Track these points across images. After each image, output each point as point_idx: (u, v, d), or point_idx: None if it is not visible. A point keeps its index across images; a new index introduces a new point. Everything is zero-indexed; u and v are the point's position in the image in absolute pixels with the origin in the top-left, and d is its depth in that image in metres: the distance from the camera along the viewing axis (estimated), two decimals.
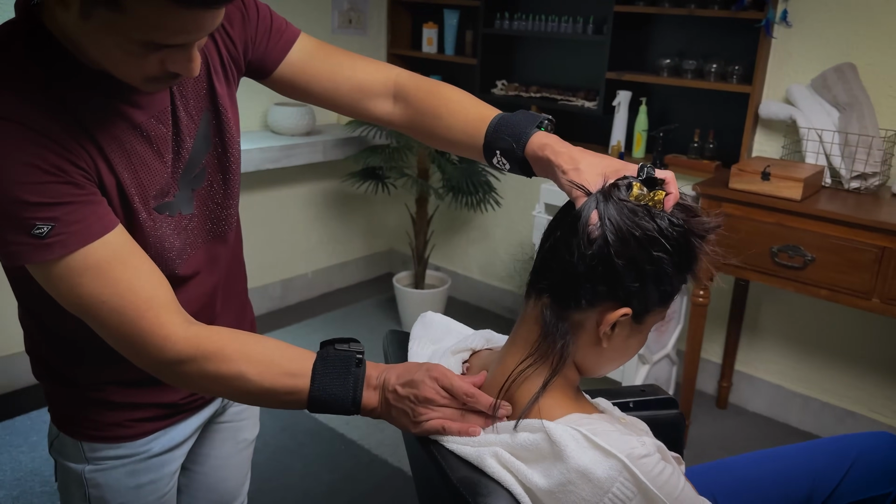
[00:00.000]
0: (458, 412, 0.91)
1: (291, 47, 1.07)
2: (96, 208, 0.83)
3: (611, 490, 0.80)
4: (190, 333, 0.88)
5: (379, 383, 0.93)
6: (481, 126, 1.02)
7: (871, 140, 2.27)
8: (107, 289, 0.83)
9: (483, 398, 0.90)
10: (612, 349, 0.92)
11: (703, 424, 2.74)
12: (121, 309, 0.84)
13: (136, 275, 0.86)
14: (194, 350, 0.87)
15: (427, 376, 0.90)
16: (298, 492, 2.27)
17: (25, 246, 0.80)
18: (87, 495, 1.07)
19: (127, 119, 0.88)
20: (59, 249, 0.81)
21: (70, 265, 0.82)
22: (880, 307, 2.06)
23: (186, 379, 0.90)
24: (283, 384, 0.90)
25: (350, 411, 0.91)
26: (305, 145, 3.15)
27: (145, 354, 0.87)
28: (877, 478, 1.22)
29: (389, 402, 0.92)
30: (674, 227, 0.87)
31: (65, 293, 0.84)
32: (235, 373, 0.88)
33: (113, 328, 0.86)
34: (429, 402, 0.89)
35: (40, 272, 0.83)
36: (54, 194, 0.79)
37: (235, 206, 1.09)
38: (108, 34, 0.75)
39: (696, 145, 2.75)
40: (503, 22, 3.18)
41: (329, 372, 0.90)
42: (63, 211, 0.80)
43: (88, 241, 0.82)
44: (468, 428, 0.89)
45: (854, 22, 2.36)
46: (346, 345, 0.93)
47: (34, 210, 0.78)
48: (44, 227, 0.79)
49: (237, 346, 0.90)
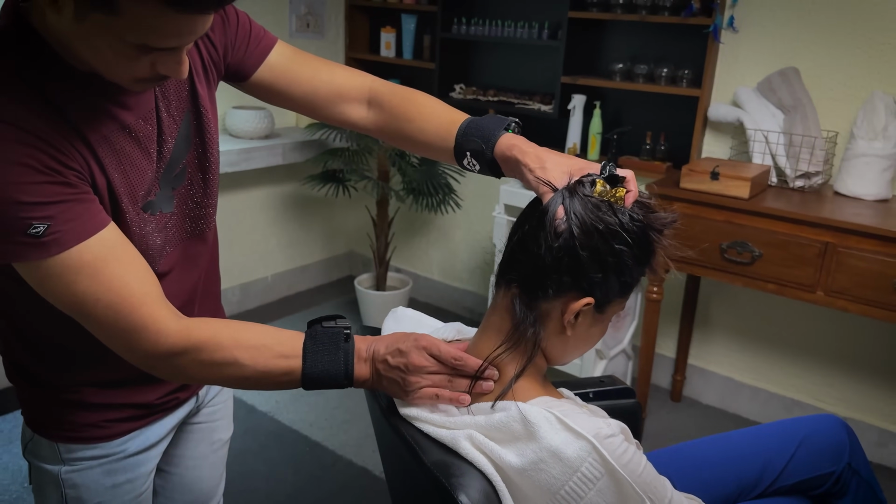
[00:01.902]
0: (447, 379, 0.95)
1: (269, 53, 1.11)
2: (89, 206, 0.85)
3: (580, 469, 0.84)
4: (181, 326, 0.90)
5: (368, 355, 0.96)
6: (452, 129, 1.07)
7: (814, 140, 2.38)
8: (102, 286, 0.85)
9: (471, 361, 0.95)
10: (576, 337, 0.97)
11: (658, 417, 2.83)
12: (115, 305, 0.86)
13: (129, 271, 0.87)
14: (186, 341, 0.89)
15: (415, 345, 0.94)
16: (262, 494, 2.28)
17: (22, 245, 0.81)
18: (64, 496, 1.07)
19: (116, 120, 0.90)
20: (55, 247, 0.82)
21: (65, 262, 0.83)
22: (824, 299, 2.17)
23: (182, 370, 0.92)
24: (277, 366, 0.93)
25: (343, 385, 0.95)
26: (264, 148, 3.16)
27: (139, 349, 0.89)
28: (822, 457, 1.29)
29: (380, 372, 0.95)
30: (634, 222, 0.93)
31: (60, 291, 0.85)
32: (230, 359, 0.91)
33: (108, 324, 0.87)
34: (419, 370, 0.93)
35: (35, 271, 0.84)
36: (49, 194, 0.80)
37: (214, 206, 1.11)
38: (102, 36, 0.77)
39: (649, 147, 2.84)
40: (461, 27, 3.24)
41: (319, 349, 0.93)
42: (58, 210, 0.81)
43: (83, 238, 0.83)
44: (458, 396, 0.94)
45: (797, 28, 2.48)
46: (332, 322, 0.97)
47: (30, 210, 0.79)
48: (40, 226, 0.80)
49: (228, 333, 0.92)
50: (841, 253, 2.10)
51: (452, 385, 0.95)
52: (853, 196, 2.34)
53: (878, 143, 2.30)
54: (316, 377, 0.94)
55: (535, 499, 0.86)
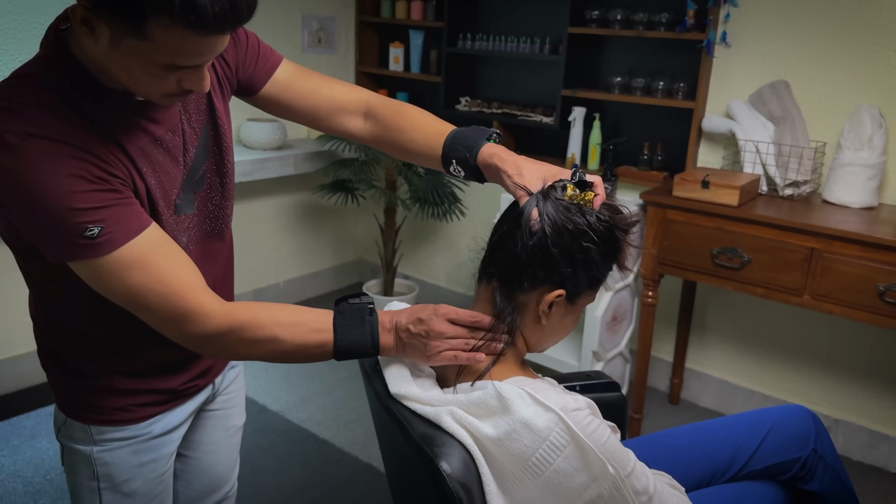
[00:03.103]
0: (464, 343, 1.06)
1: (276, 69, 1.23)
2: (134, 209, 0.97)
3: (548, 438, 0.94)
4: (224, 308, 1.01)
5: (392, 326, 1.08)
6: (439, 139, 1.19)
7: (802, 151, 2.47)
8: (151, 277, 0.96)
9: (485, 319, 1.07)
10: (551, 326, 1.08)
11: (656, 419, 2.91)
12: (165, 294, 0.97)
13: (174, 263, 0.99)
14: (231, 322, 1.01)
15: (434, 314, 1.06)
16: (272, 487, 2.38)
17: (80, 246, 0.92)
18: (96, 473, 1.18)
19: (148, 133, 1.02)
20: (108, 246, 0.93)
21: (118, 259, 0.94)
22: (810, 302, 2.25)
23: (229, 348, 1.04)
24: (312, 339, 1.05)
25: (371, 353, 1.07)
26: (277, 159, 3.28)
27: (189, 332, 1.00)
28: (789, 444, 1.38)
29: (403, 340, 1.07)
30: (600, 222, 1.04)
31: (116, 286, 0.96)
32: (270, 336, 1.03)
33: (159, 312, 0.98)
34: (439, 336, 1.05)
35: (93, 269, 0.95)
36: (100, 200, 0.92)
37: (230, 207, 1.23)
38: (134, 59, 0.89)
39: (646, 157, 2.95)
40: (466, 42, 3.36)
41: (348, 323, 1.06)
42: (108, 213, 0.93)
43: (131, 236, 0.95)
44: (475, 356, 1.05)
45: (787, 43, 2.58)
46: (357, 298, 1.09)
47: (84, 215, 0.91)
48: (94, 228, 0.92)
49: (266, 313, 1.04)
50: (826, 258, 2.19)
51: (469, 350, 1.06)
52: (841, 204, 2.43)
53: (864, 153, 2.38)
54: (346, 347, 1.06)
55: (509, 466, 0.97)
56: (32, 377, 2.87)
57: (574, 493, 0.96)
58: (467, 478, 0.95)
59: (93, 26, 0.87)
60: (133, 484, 1.20)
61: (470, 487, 0.95)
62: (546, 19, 3.20)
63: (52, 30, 0.97)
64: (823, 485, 1.40)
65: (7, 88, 0.94)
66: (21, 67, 0.97)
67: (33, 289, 1.13)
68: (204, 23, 0.84)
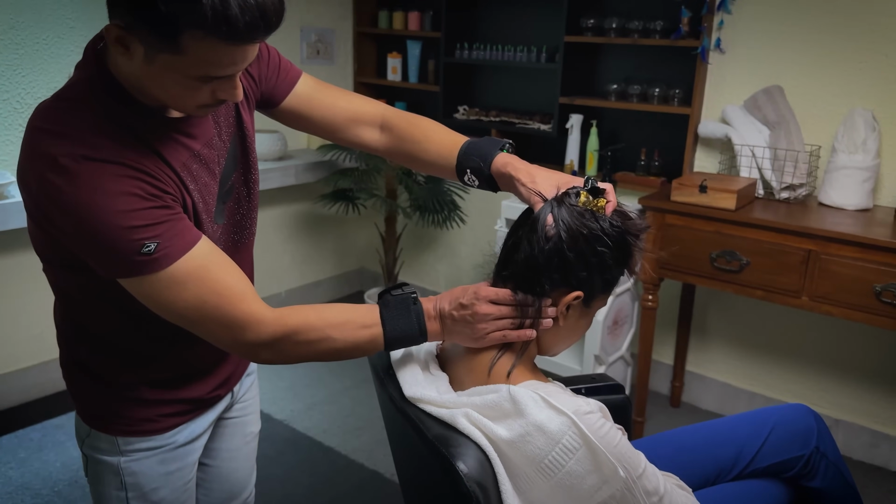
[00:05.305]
0: (509, 322, 1.08)
1: (296, 83, 1.27)
2: (185, 223, 0.99)
3: (561, 441, 0.97)
4: (276, 315, 1.03)
5: (436, 313, 1.11)
6: (454, 150, 1.23)
7: (798, 154, 2.51)
8: (206, 288, 0.98)
9: (524, 297, 1.09)
10: (566, 328, 1.12)
11: (658, 423, 2.93)
12: (221, 304, 0.99)
13: (227, 273, 1.01)
14: (284, 328, 1.03)
15: (475, 297, 1.08)
16: (279, 494, 2.40)
17: (137, 263, 0.94)
18: (124, 483, 1.20)
19: (188, 148, 1.05)
20: (166, 261, 0.95)
21: (175, 273, 0.96)
22: (808, 304, 2.29)
23: (284, 353, 1.06)
24: (363, 336, 1.07)
25: (419, 341, 1.10)
26: (278, 169, 3.31)
27: (244, 341, 1.02)
28: (792, 442, 1.42)
29: (447, 325, 1.10)
30: (613, 228, 1.07)
31: (171, 300, 0.98)
32: (323, 337, 1.05)
33: (215, 322, 1.00)
34: (486, 318, 1.07)
35: (148, 285, 0.97)
36: (154, 217, 0.94)
37: (255, 217, 1.26)
38: (169, 73, 0.91)
39: (643, 163, 2.98)
40: (463, 52, 3.40)
41: (394, 315, 1.08)
42: (163, 229, 0.95)
43: (186, 250, 0.97)
44: (524, 332, 1.08)
45: (780, 48, 2.62)
46: (399, 290, 1.12)
47: (141, 232, 0.93)
48: (151, 244, 0.94)
49: (315, 315, 1.07)
50: (823, 260, 2.22)
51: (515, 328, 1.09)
52: (836, 206, 2.47)
53: (858, 156, 2.42)
54: (396, 338, 1.09)
55: (523, 467, 0.99)
56: (39, 390, 2.88)
57: (586, 494, 0.98)
58: (483, 477, 0.98)
59: (127, 44, 0.89)
60: (161, 492, 1.22)
61: (486, 486, 0.98)
62: (542, 28, 3.24)
63: (91, 49, 0.99)
64: (826, 481, 1.43)
65: (55, 111, 0.96)
66: (64, 89, 0.99)
67: (63, 302, 1.15)
68: (236, 33, 0.86)
